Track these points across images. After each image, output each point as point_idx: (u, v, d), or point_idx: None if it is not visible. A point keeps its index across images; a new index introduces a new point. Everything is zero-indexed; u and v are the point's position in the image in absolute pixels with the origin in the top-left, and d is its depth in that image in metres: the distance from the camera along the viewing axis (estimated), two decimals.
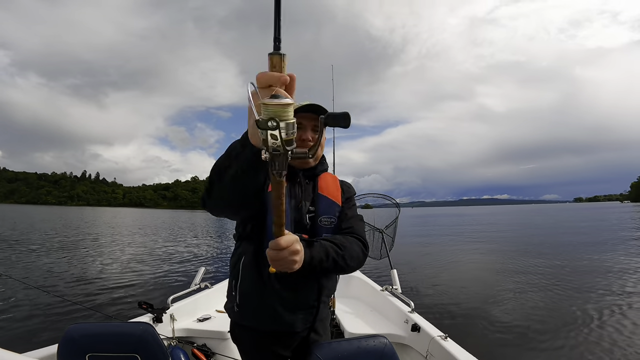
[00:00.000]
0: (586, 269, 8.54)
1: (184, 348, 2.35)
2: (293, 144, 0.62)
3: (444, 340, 1.92)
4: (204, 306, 2.86)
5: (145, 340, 1.23)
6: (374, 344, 1.15)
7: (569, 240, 14.35)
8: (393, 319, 2.63)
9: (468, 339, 3.85)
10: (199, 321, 2.61)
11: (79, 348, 1.20)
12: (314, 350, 1.10)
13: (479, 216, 50.80)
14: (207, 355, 2.38)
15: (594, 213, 47.90)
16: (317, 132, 1.17)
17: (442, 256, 11.27)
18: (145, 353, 1.22)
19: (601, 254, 10.28)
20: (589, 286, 6.87)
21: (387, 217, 4.17)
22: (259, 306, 1.15)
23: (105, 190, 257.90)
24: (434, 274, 8.04)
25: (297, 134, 1.01)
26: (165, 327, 2.35)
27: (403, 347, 2.31)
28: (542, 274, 8.17)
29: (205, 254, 10.32)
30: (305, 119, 1.16)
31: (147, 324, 1.29)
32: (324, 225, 1.19)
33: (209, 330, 2.49)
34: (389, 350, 1.15)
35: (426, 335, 2.08)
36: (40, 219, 34.79)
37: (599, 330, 4.37)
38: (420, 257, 10.65)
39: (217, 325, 2.56)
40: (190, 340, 2.46)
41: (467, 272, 8.60)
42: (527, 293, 6.47)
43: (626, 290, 6.20)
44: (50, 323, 4.68)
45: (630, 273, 7.71)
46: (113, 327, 1.30)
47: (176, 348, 2.24)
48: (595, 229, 19.91)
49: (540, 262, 9.92)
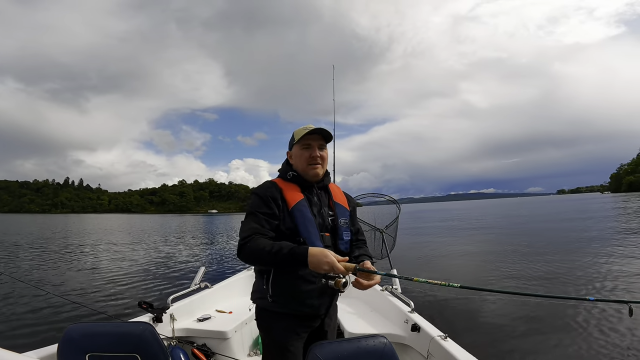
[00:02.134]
0: (583, 265, 8.54)
1: (184, 348, 2.35)
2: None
3: (444, 340, 1.92)
4: (203, 306, 2.86)
5: (146, 340, 1.23)
6: (374, 343, 1.15)
7: (563, 235, 14.52)
8: (393, 319, 2.63)
9: (468, 339, 3.84)
10: (198, 321, 2.61)
11: (79, 348, 1.20)
12: (314, 350, 1.10)
13: (466, 211, 50.77)
14: (207, 355, 2.39)
15: (578, 204, 48.54)
16: (322, 149, 1.51)
17: (441, 255, 11.27)
18: (145, 353, 1.22)
19: (600, 246, 10.30)
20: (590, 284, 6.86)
21: (387, 215, 4.17)
22: (293, 295, 1.38)
23: (90, 197, 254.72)
24: (434, 274, 8.04)
25: (307, 152, 1.47)
26: (165, 327, 2.35)
27: (403, 347, 2.30)
28: (542, 271, 8.17)
29: (205, 254, 10.32)
30: (312, 139, 1.47)
31: (147, 324, 1.29)
32: (343, 225, 1.53)
33: (209, 330, 2.49)
34: (389, 350, 1.15)
35: (426, 335, 2.08)
36: (33, 225, 34.74)
37: (600, 327, 4.37)
38: (420, 256, 10.65)
39: (217, 325, 2.57)
40: (190, 340, 2.46)
41: (467, 272, 8.60)
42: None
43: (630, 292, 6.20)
44: (50, 323, 4.68)
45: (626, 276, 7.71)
46: (113, 327, 1.30)
47: (176, 348, 2.25)
48: (582, 222, 20.15)
49: (539, 259, 9.91)
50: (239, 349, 2.59)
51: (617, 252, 9.43)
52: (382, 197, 4.50)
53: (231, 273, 4.52)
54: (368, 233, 4.12)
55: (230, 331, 2.50)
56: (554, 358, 3.65)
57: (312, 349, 1.11)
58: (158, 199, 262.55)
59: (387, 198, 4.48)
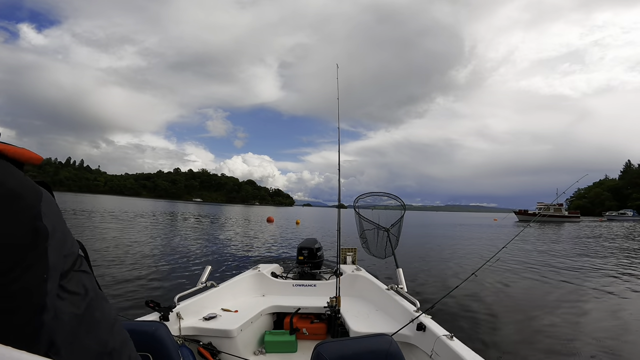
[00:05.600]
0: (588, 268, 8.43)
1: (190, 346, 2.37)
2: None
3: (450, 340, 1.91)
4: (210, 305, 2.88)
5: (158, 339, 1.23)
6: (379, 343, 1.15)
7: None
8: (398, 318, 2.62)
9: (474, 339, 3.82)
10: (205, 320, 2.63)
11: None
12: (319, 348, 1.10)
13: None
14: (212, 354, 2.40)
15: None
16: None
17: (448, 255, 11.21)
18: (157, 352, 1.22)
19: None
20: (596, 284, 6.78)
21: (392, 214, 4.16)
22: None
23: (87, 177, 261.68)
24: (439, 273, 8.00)
25: None
26: (172, 326, 2.37)
27: (408, 347, 2.30)
28: (552, 272, 8.08)
29: (211, 252, 10.39)
30: None
31: (160, 323, 1.29)
32: None
33: (215, 329, 2.50)
34: (395, 349, 1.14)
35: (432, 335, 2.07)
36: None
37: (609, 324, 4.32)
38: (426, 256, 10.60)
39: (223, 323, 2.58)
40: (196, 339, 2.48)
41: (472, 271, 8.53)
42: (535, 290, 6.41)
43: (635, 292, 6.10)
44: None
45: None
46: (125, 326, 1.30)
47: (182, 346, 2.26)
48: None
49: (545, 259, 9.81)
50: (244, 348, 2.60)
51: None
52: (387, 196, 4.48)
53: (237, 272, 4.54)
54: (372, 232, 4.11)
55: (236, 330, 2.51)
56: (564, 356, 3.61)
57: (318, 348, 1.11)
58: (151, 184, 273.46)
59: (393, 197, 4.45)
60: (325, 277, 4.19)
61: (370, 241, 4.14)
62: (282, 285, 3.65)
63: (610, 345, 3.85)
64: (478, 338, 3.95)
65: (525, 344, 3.91)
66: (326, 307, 2.80)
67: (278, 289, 3.61)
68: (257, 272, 3.74)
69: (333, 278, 3.77)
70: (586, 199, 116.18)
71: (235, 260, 9.23)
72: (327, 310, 2.80)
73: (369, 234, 4.16)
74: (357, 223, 4.25)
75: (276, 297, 3.41)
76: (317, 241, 4.66)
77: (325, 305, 2.80)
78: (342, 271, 3.74)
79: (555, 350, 3.74)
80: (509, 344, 3.91)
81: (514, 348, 3.81)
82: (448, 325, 2.21)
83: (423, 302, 2.52)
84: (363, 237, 4.21)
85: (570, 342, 3.95)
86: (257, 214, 48.61)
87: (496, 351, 3.66)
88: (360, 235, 4.26)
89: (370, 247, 4.14)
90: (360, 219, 4.19)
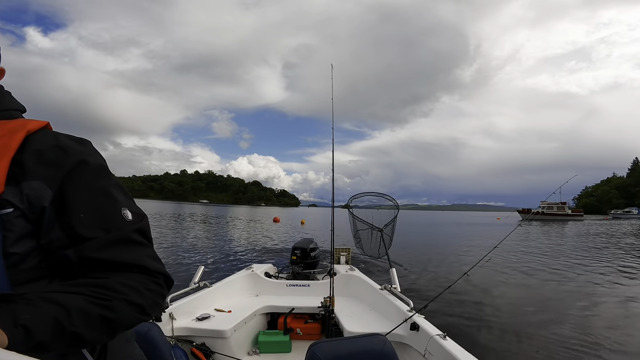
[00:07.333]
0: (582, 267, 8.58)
1: (183, 347, 2.35)
2: None
3: (443, 339, 1.92)
4: (203, 305, 2.85)
5: (151, 340, 1.22)
6: (373, 342, 1.15)
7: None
8: (392, 317, 2.63)
9: (467, 338, 3.86)
10: (198, 320, 2.60)
11: None
12: (313, 348, 1.10)
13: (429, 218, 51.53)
14: (206, 354, 2.38)
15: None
16: None
17: (444, 255, 11.30)
18: (150, 353, 1.20)
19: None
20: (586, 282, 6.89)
21: (386, 214, 4.18)
22: None
23: None
24: (433, 273, 8.05)
25: None
26: (165, 326, 2.34)
27: (402, 346, 2.31)
28: (540, 270, 8.20)
29: (204, 252, 10.31)
30: None
31: (153, 324, 1.28)
32: None
33: (208, 329, 2.48)
34: (388, 349, 1.15)
35: (425, 334, 2.08)
36: None
37: (599, 321, 4.40)
38: (419, 256, 10.67)
39: (216, 324, 2.56)
40: (189, 339, 2.46)
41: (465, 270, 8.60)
42: (525, 289, 6.50)
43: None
44: None
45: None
46: None
47: (175, 347, 2.24)
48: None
49: (537, 259, 9.95)
50: (238, 348, 2.59)
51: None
52: (381, 197, 4.50)
53: (230, 272, 4.52)
54: (366, 232, 4.13)
55: (229, 330, 2.50)
56: (553, 356, 3.67)
57: (312, 348, 1.11)
58: (158, 186, 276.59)
59: (387, 198, 4.48)
60: (319, 277, 4.19)
61: (364, 241, 4.16)
62: (275, 285, 3.64)
63: (606, 343, 3.93)
64: (471, 337, 3.99)
65: (518, 343, 3.97)
66: (320, 307, 2.79)
67: (272, 289, 3.60)
68: (251, 272, 3.72)
69: (327, 278, 3.77)
70: (594, 197, 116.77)
71: (229, 260, 9.18)
72: (321, 310, 2.80)
73: (362, 234, 4.18)
74: (351, 223, 4.26)
75: (270, 297, 3.40)
76: (312, 241, 4.64)
77: (319, 305, 2.80)
78: (336, 271, 3.75)
79: (548, 349, 3.80)
80: (502, 343, 3.96)
81: (507, 347, 3.86)
82: (441, 324, 2.22)
83: (417, 302, 2.54)
84: (357, 237, 4.23)
85: (565, 340, 4.01)
86: (263, 214, 48.65)
87: (489, 350, 3.71)
88: (354, 235, 4.27)
89: (364, 247, 4.16)
90: (354, 219, 4.20)
